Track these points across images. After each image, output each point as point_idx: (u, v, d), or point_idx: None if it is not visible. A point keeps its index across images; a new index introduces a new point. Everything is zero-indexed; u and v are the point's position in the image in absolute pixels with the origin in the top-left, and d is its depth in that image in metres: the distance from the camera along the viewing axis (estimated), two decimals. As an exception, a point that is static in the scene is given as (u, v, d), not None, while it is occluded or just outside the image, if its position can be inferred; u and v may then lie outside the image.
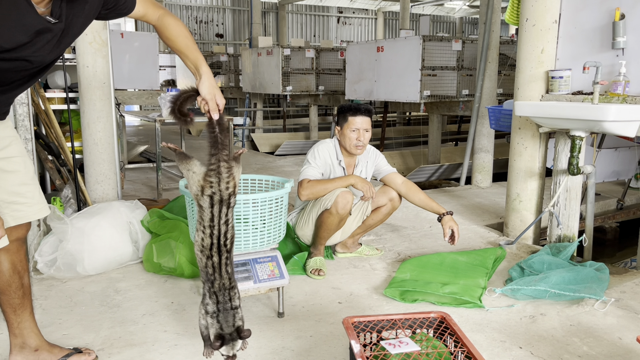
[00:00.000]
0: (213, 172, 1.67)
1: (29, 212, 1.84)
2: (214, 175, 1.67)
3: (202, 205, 1.68)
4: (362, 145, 3.03)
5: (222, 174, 1.67)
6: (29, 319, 1.92)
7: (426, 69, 6.24)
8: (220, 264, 1.69)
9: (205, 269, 1.70)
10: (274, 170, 6.61)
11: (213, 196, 1.67)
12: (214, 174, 1.67)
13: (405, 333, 1.84)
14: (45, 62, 1.65)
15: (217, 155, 1.68)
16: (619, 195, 4.93)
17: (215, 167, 1.67)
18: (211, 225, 1.67)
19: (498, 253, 3.29)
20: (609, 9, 3.04)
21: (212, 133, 1.72)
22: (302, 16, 19.31)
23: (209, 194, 1.67)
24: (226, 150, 1.69)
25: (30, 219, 1.85)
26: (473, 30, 22.33)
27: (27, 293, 1.90)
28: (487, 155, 5.49)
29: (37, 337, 1.94)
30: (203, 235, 1.69)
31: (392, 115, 11.89)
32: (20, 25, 1.47)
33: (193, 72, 1.81)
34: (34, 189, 1.86)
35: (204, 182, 1.68)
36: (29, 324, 1.92)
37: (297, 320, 2.42)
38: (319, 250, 3.04)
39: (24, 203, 1.82)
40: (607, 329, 2.35)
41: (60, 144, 3.74)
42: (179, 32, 1.85)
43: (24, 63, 1.58)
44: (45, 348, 1.95)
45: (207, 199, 1.67)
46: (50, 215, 2.90)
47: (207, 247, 1.68)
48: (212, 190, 1.67)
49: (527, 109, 3.16)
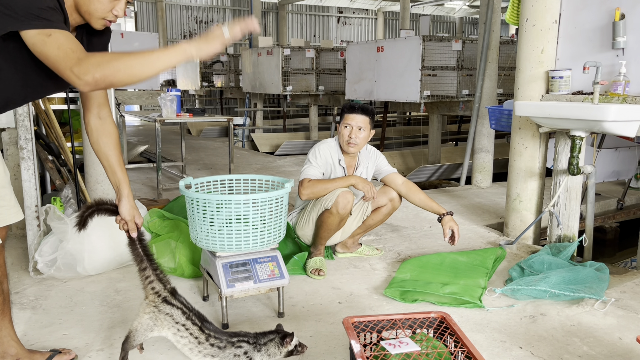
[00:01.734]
0: (154, 281, 1.83)
1: (6, 216, 1.82)
2: (157, 283, 1.83)
3: (167, 312, 1.80)
4: (353, 143, 3.01)
5: (162, 278, 1.84)
6: (8, 326, 1.89)
7: (426, 69, 6.24)
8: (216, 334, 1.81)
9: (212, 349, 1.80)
10: (274, 170, 6.61)
11: (167, 298, 1.81)
12: (156, 283, 1.83)
13: (405, 333, 1.84)
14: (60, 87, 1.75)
15: (149, 268, 1.83)
16: (619, 195, 4.93)
17: (153, 277, 1.83)
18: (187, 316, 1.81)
19: (498, 253, 3.29)
20: (609, 9, 3.04)
21: (135, 250, 1.85)
22: (302, 16, 19.31)
23: (162, 299, 1.81)
24: (153, 260, 1.85)
25: (8, 223, 1.83)
26: (473, 30, 22.33)
27: (6, 299, 1.87)
28: (487, 155, 5.49)
29: (16, 344, 1.91)
30: (189, 332, 1.79)
31: (392, 115, 11.90)
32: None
33: (114, 189, 1.87)
34: (10, 192, 1.86)
35: (151, 297, 1.82)
36: (8, 332, 1.89)
37: (297, 320, 2.42)
38: (319, 250, 3.04)
39: (3, 206, 1.80)
40: (607, 329, 2.35)
41: (60, 144, 3.73)
42: (117, 144, 1.89)
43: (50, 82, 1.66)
44: (26, 356, 1.93)
45: (165, 305, 1.80)
46: (50, 215, 2.90)
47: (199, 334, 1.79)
48: (162, 296, 1.81)
49: (527, 109, 3.15)
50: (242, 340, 1.81)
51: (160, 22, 15.94)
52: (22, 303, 2.57)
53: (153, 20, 16.67)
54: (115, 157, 1.86)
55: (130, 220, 1.85)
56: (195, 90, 12.39)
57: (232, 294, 2.30)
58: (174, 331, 1.79)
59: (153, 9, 16.60)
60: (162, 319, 1.80)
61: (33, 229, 2.96)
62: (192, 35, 17.20)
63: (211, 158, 7.64)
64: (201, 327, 1.80)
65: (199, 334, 1.79)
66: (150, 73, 1.47)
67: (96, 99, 1.85)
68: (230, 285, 2.28)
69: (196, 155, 7.81)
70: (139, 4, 16.47)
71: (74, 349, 2.10)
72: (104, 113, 1.87)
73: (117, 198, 1.86)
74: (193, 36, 17.05)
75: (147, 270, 1.82)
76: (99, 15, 1.61)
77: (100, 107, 1.86)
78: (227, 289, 2.28)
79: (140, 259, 1.83)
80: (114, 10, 1.62)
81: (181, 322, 1.79)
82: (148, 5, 16.61)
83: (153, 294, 1.81)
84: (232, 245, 2.29)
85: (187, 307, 1.83)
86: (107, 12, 1.61)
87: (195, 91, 12.48)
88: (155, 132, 4.70)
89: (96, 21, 1.63)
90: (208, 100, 14.86)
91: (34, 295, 2.67)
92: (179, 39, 16.97)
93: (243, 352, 1.79)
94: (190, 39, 1.94)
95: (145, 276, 1.82)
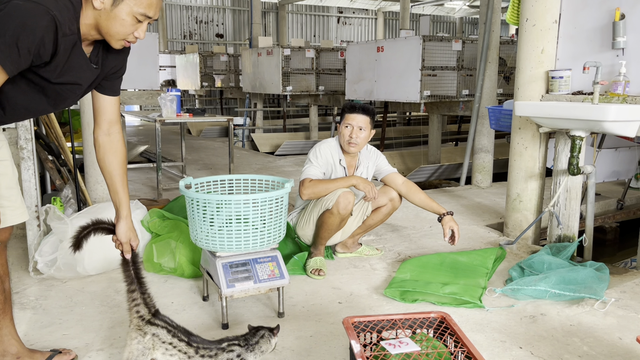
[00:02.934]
0: (140, 305, 1.82)
1: (11, 216, 1.82)
2: (142, 307, 1.82)
3: (154, 333, 1.80)
4: (354, 143, 3.02)
5: (148, 303, 1.83)
6: (9, 325, 1.90)
7: (426, 69, 6.24)
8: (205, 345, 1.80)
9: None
10: (274, 170, 6.61)
11: (151, 320, 1.81)
12: (141, 307, 1.82)
13: (405, 333, 1.84)
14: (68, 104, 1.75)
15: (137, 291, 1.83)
16: (619, 195, 4.93)
17: (140, 300, 1.82)
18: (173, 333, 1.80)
19: (498, 253, 3.28)
20: (609, 9, 3.04)
21: (127, 271, 1.85)
22: (302, 16, 19.31)
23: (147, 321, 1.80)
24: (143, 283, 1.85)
25: (13, 223, 1.83)
26: (473, 30, 22.32)
27: (7, 298, 1.88)
28: (487, 155, 5.49)
29: (17, 343, 1.92)
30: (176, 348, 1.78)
31: (392, 115, 11.89)
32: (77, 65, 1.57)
33: (115, 207, 1.86)
34: (17, 193, 1.85)
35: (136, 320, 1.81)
36: (9, 331, 1.90)
37: (297, 320, 2.42)
38: (319, 250, 3.04)
39: (8, 207, 1.80)
40: (607, 329, 2.35)
41: (60, 144, 3.73)
42: (124, 163, 1.86)
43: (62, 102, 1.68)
44: (26, 354, 1.93)
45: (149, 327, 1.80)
46: (50, 215, 2.90)
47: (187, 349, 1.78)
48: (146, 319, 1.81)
49: (527, 109, 3.15)
50: (232, 344, 1.81)
51: (160, 22, 15.93)
52: (22, 303, 2.57)
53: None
54: (119, 176, 1.83)
55: (126, 243, 1.84)
56: (195, 90, 12.39)
57: (232, 294, 2.30)
58: (162, 351, 1.78)
59: (153, 9, 16.57)
60: (149, 341, 1.79)
61: (33, 229, 2.96)
62: (192, 36, 17.20)
63: (211, 158, 7.64)
64: (188, 342, 1.79)
65: (187, 349, 1.78)
66: None
67: (107, 114, 1.81)
68: (230, 285, 2.28)
69: (196, 155, 7.81)
70: (139, 4, 16.43)
71: (74, 349, 2.10)
72: (114, 130, 1.82)
73: (116, 218, 1.84)
74: (193, 36, 17.08)
75: (135, 293, 1.82)
76: (120, 37, 1.56)
77: (110, 124, 1.82)
78: (227, 289, 2.28)
79: (131, 280, 1.83)
80: (135, 32, 1.56)
81: (168, 341, 1.78)
82: (148, 5, 16.57)
83: (137, 317, 1.80)
84: (232, 245, 2.29)
85: (171, 325, 1.82)
86: (128, 35, 1.56)
87: (195, 91, 12.48)
88: (155, 132, 4.70)
89: (116, 42, 1.58)
90: (208, 100, 14.86)
91: (34, 295, 2.67)
92: (179, 39, 16.98)
93: (236, 355, 1.79)
94: (190, 39, 1.93)
95: (132, 298, 1.82)
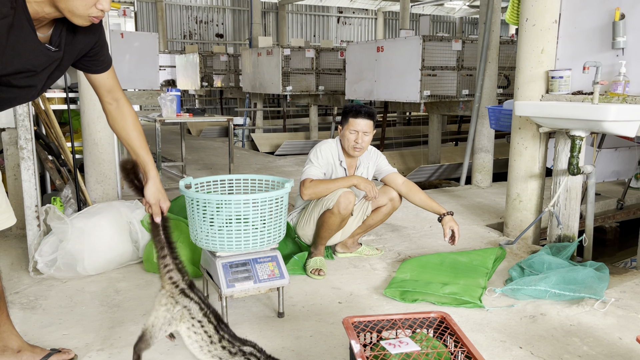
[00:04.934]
0: (172, 271, 1.75)
1: None
2: (175, 273, 1.75)
3: (185, 305, 1.73)
4: (359, 148, 3.03)
5: (181, 269, 1.77)
6: (6, 322, 1.91)
7: (426, 69, 6.24)
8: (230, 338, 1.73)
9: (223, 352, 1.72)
10: (274, 170, 6.61)
11: (184, 290, 1.74)
12: (174, 272, 1.75)
13: (405, 333, 1.84)
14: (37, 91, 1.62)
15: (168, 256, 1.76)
16: (619, 195, 4.93)
17: (172, 266, 1.76)
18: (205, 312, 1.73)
19: (498, 253, 3.28)
20: (609, 9, 3.04)
21: (157, 236, 1.78)
22: (302, 16, 19.31)
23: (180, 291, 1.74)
24: (174, 249, 1.78)
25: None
26: (473, 30, 22.32)
27: (1, 297, 1.88)
28: (487, 155, 5.49)
29: (17, 338, 1.93)
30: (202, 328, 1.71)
31: (392, 115, 11.89)
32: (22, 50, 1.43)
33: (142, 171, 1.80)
34: (2, 198, 1.83)
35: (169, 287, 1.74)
36: (7, 327, 1.91)
37: (297, 320, 2.42)
38: (319, 250, 3.04)
39: None
40: (607, 329, 2.35)
41: (60, 144, 3.73)
42: (136, 125, 1.80)
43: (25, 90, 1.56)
44: (27, 349, 1.94)
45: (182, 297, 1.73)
46: (50, 215, 2.90)
47: (213, 333, 1.71)
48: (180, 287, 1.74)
49: (527, 109, 3.15)
50: (253, 354, 1.73)
51: (160, 22, 15.95)
52: (22, 303, 2.57)
53: (153, 20, 16.67)
54: (135, 139, 1.78)
55: (155, 204, 1.77)
56: (195, 90, 12.39)
57: (232, 294, 2.30)
58: (189, 325, 1.71)
59: (153, 9, 16.60)
60: (179, 312, 1.71)
61: (33, 229, 2.96)
62: (192, 36, 17.20)
63: (211, 158, 7.64)
64: (217, 327, 1.72)
65: (213, 332, 1.70)
66: None
67: (104, 86, 1.77)
68: (230, 285, 2.28)
69: (196, 155, 7.81)
70: (139, 4, 16.47)
71: (74, 349, 2.10)
72: (117, 97, 1.78)
73: (144, 180, 1.78)
74: (193, 36, 17.08)
75: (167, 259, 1.74)
76: (81, 12, 1.41)
77: (111, 93, 1.78)
78: (227, 289, 2.27)
79: (161, 245, 1.75)
80: (97, 4, 1.41)
81: (197, 318, 1.71)
82: (148, 5, 16.61)
83: (170, 283, 1.72)
84: (232, 245, 2.29)
85: (204, 303, 1.75)
86: (89, 8, 1.41)
87: (195, 91, 12.48)
88: (155, 132, 4.70)
89: (79, 19, 1.43)
90: (208, 100, 14.86)
91: (34, 295, 2.67)
92: (179, 39, 16.98)
93: None
94: (190, 39, 1.91)
95: (164, 264, 1.74)
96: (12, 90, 1.53)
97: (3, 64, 1.42)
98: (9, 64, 1.44)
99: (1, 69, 1.43)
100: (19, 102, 1.65)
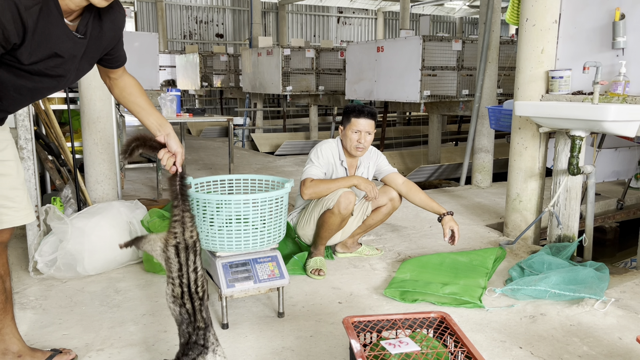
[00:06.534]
0: (177, 222, 1.74)
1: (15, 217, 1.80)
2: (179, 225, 1.74)
3: (168, 257, 1.73)
4: (362, 148, 3.03)
5: (186, 223, 1.74)
6: (11, 324, 1.90)
7: (426, 69, 6.24)
8: (194, 311, 1.73)
9: (180, 317, 1.73)
10: (274, 170, 6.61)
11: (178, 245, 1.73)
12: (178, 224, 1.74)
13: (405, 333, 1.84)
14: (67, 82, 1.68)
15: (181, 207, 1.74)
16: (619, 195, 4.93)
17: (179, 217, 1.74)
18: (180, 275, 1.72)
19: (498, 253, 3.29)
20: (609, 9, 3.04)
21: (173, 186, 1.77)
22: (302, 16, 19.31)
23: (174, 244, 1.73)
24: (188, 201, 1.76)
25: (16, 224, 1.82)
26: (473, 30, 22.32)
27: (9, 297, 1.88)
28: (487, 155, 5.49)
29: (19, 342, 1.92)
30: (173, 286, 1.73)
31: (392, 115, 11.89)
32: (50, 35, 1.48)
33: (153, 130, 1.83)
34: (23, 194, 1.83)
35: (167, 234, 1.74)
36: (11, 329, 1.90)
37: (297, 320, 2.42)
38: (319, 250, 3.04)
39: (12, 207, 1.79)
40: (607, 329, 2.35)
41: (60, 144, 3.73)
42: (139, 91, 1.86)
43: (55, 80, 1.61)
44: (28, 353, 1.93)
45: (172, 249, 1.73)
46: (50, 215, 2.90)
47: (178, 296, 1.72)
48: (176, 240, 1.73)
49: (527, 109, 3.15)
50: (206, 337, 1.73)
51: (160, 22, 15.94)
52: (22, 303, 2.57)
53: (153, 20, 16.67)
54: (144, 101, 1.84)
55: (180, 154, 1.80)
56: (195, 90, 12.39)
57: (232, 294, 2.30)
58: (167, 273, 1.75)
59: (153, 9, 16.60)
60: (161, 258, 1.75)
61: (33, 229, 2.96)
62: (192, 36, 17.20)
63: (211, 158, 7.64)
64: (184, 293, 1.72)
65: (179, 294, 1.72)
66: None
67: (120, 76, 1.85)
68: (230, 285, 2.28)
69: (196, 155, 7.81)
70: (139, 4, 16.47)
71: (74, 349, 2.10)
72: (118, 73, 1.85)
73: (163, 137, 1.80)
74: (193, 36, 17.08)
75: (177, 209, 1.74)
76: None
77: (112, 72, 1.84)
78: (227, 289, 2.28)
79: (175, 195, 1.75)
80: None
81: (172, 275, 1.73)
82: (148, 5, 16.61)
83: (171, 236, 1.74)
84: (232, 245, 2.29)
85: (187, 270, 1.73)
86: None
87: (195, 91, 12.48)
88: (155, 132, 4.69)
89: None
90: (208, 100, 14.86)
91: (34, 295, 2.67)
92: (179, 39, 16.98)
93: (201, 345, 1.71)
94: (190, 39, 1.92)
95: (173, 214, 1.75)
96: (44, 80, 1.58)
97: (33, 48, 1.46)
98: (38, 49, 1.48)
99: (32, 53, 1.47)
100: (50, 92, 1.71)
